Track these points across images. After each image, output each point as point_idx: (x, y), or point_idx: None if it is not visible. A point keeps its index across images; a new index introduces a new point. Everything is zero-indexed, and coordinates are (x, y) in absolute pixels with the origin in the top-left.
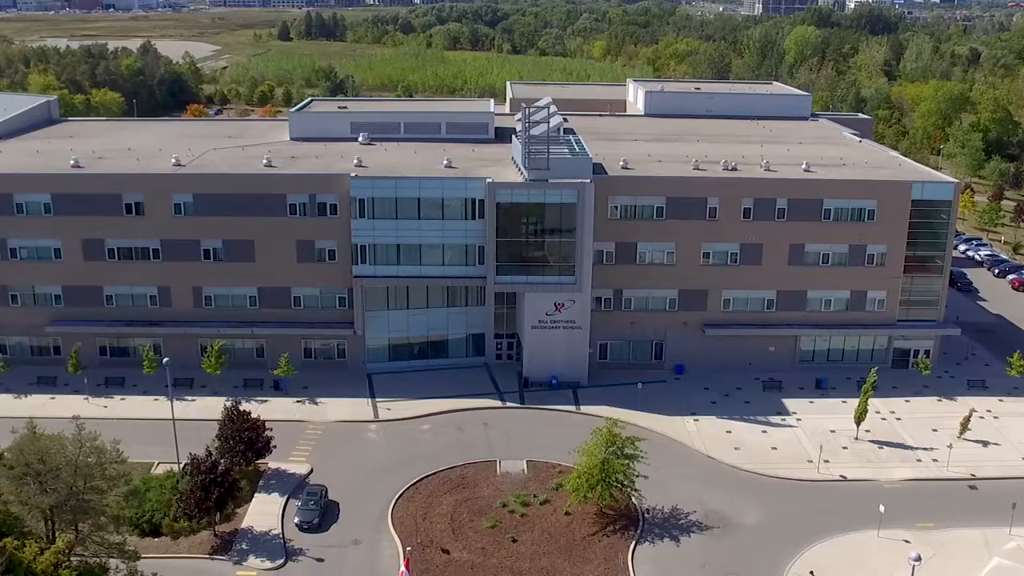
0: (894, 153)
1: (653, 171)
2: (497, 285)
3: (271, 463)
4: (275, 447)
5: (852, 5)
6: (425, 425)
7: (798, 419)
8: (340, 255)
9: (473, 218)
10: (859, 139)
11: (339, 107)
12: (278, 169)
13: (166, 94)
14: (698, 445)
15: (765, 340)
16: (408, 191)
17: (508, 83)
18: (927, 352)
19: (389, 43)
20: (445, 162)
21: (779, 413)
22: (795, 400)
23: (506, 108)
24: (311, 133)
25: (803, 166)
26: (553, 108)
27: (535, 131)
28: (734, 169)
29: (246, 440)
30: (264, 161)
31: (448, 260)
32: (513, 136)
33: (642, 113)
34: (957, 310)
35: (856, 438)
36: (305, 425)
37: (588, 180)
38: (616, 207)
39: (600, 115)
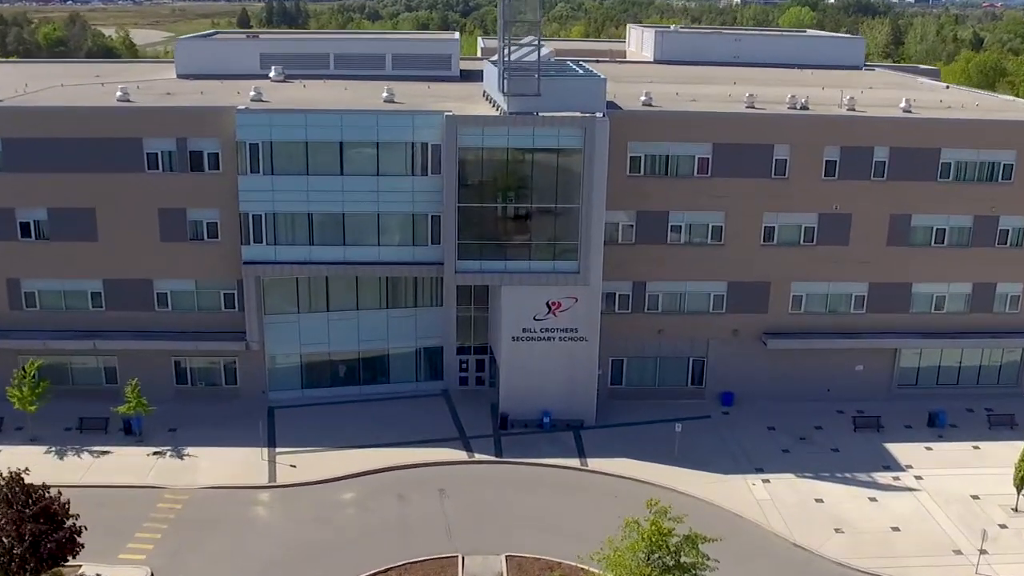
0: (1008, 97)
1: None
2: (460, 275)
3: (85, 568)
4: (83, 545)
5: None
6: (348, 493)
7: (917, 476)
8: (224, 231)
9: (424, 173)
10: (946, 87)
11: (247, 36)
12: (132, 104)
13: None
14: (777, 525)
15: (851, 355)
16: (324, 131)
17: (479, 38)
18: None
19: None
20: (385, 95)
21: (886, 467)
22: (904, 446)
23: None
24: (206, 68)
25: (903, 105)
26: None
27: (520, 54)
28: (804, 108)
29: (32, 535)
30: (118, 94)
31: (387, 238)
32: (487, 64)
33: (651, 60)
34: None
35: (1016, 509)
36: (160, 494)
37: (600, 114)
38: (638, 159)
39: (597, 61)
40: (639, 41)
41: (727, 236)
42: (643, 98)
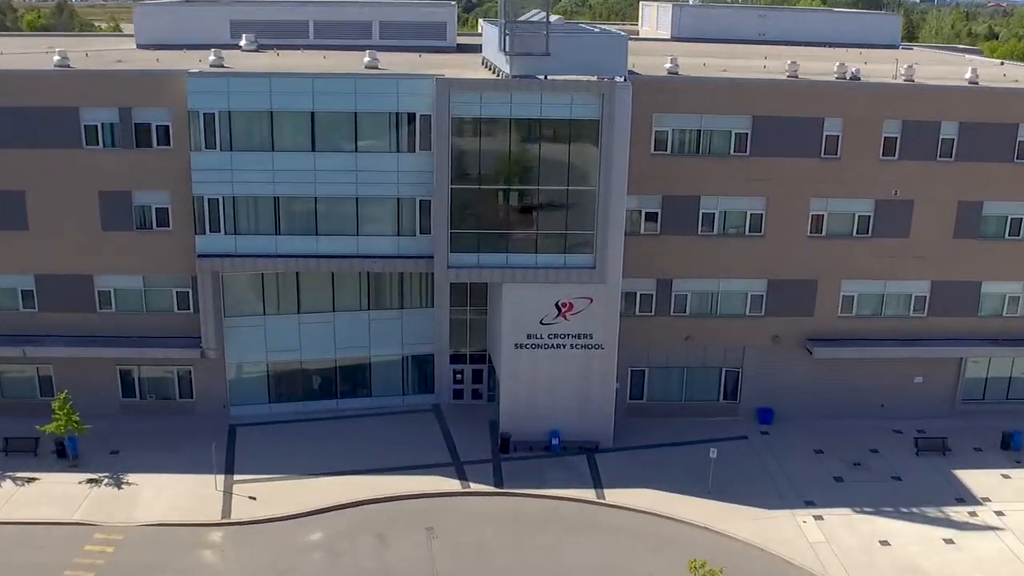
0: None
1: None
2: (453, 271)
3: None
4: None
5: None
6: (316, 532)
7: (997, 512)
8: (176, 218)
9: (411, 150)
10: (1001, 63)
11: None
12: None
13: None
14: (837, 575)
15: (909, 365)
16: (292, 99)
17: (480, 20)
18: None
19: None
20: (368, 61)
21: (959, 499)
22: (976, 473)
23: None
24: (170, 37)
25: (968, 75)
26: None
27: (526, 16)
28: (855, 78)
29: None
30: (55, 59)
31: (367, 226)
32: (485, 26)
33: (667, 38)
34: None
35: None
36: (89, 533)
37: (622, 78)
38: (665, 134)
39: None
40: (653, 19)
41: (768, 226)
42: (668, 66)
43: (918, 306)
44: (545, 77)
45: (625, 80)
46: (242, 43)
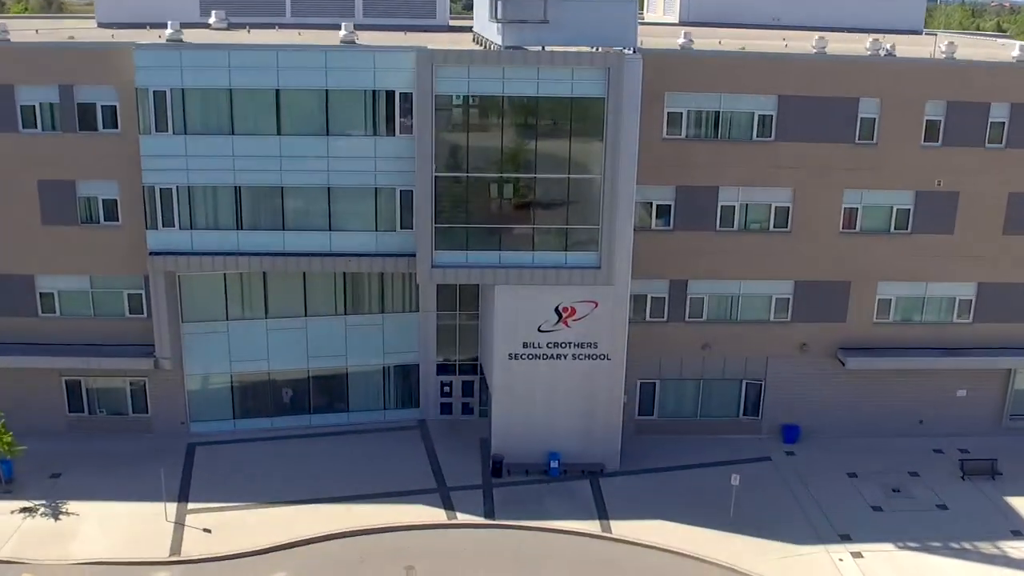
0: None
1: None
2: (439, 271)
3: None
4: None
5: None
6: (278, 573)
7: None
8: (126, 210)
9: (390, 133)
10: None
11: None
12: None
13: None
14: None
15: (952, 377)
16: (255, 75)
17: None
18: None
19: None
20: (344, 35)
21: (1016, 532)
22: None
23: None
24: (134, 15)
25: (1016, 53)
26: None
27: None
28: (890, 55)
29: None
30: None
31: (341, 220)
32: None
33: (675, 22)
34: None
35: None
36: (18, 573)
37: (631, 50)
38: (679, 116)
39: None
40: (660, 2)
41: (795, 220)
42: (681, 40)
43: (963, 311)
44: (543, 48)
45: (635, 52)
46: (212, 20)
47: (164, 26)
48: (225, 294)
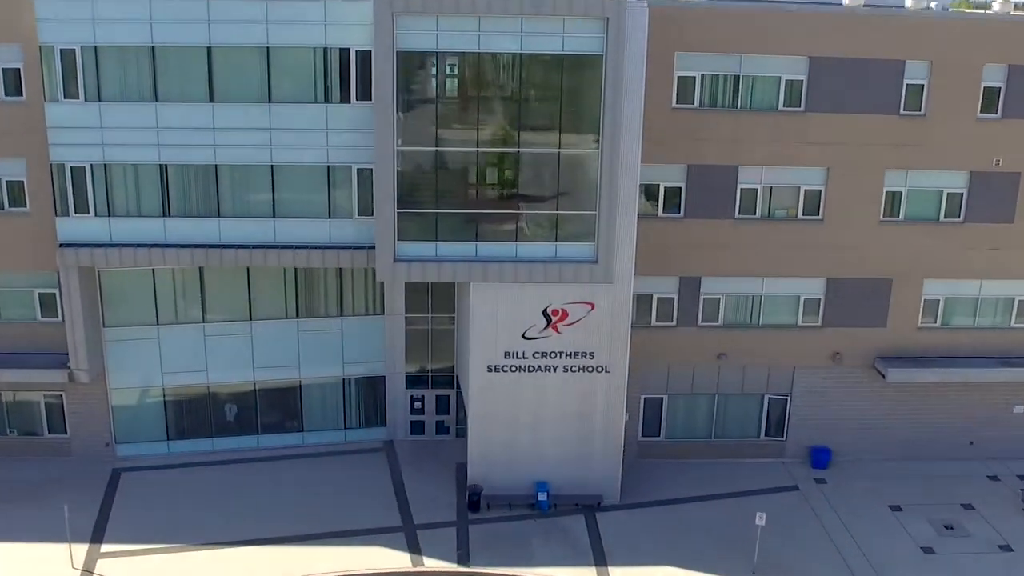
0: None
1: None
2: (403, 265)
3: None
4: None
5: None
6: None
7: None
8: (35, 195)
9: (345, 100)
10: None
11: None
12: None
13: None
14: None
15: (1009, 391)
16: (182, 30)
17: None
18: None
19: None
20: None
21: None
22: None
23: None
24: None
25: None
26: None
27: None
28: (944, 9)
29: None
30: None
31: (288, 205)
32: None
33: None
34: None
35: None
36: None
37: None
38: (691, 81)
39: None
40: None
41: (828, 207)
42: None
43: (1021, 314)
44: None
45: (640, 0)
46: None
47: None
48: (155, 294)
